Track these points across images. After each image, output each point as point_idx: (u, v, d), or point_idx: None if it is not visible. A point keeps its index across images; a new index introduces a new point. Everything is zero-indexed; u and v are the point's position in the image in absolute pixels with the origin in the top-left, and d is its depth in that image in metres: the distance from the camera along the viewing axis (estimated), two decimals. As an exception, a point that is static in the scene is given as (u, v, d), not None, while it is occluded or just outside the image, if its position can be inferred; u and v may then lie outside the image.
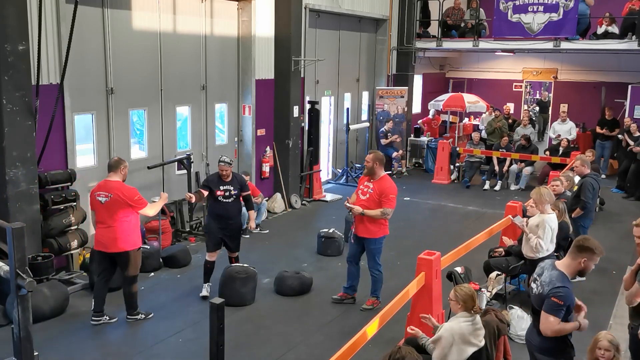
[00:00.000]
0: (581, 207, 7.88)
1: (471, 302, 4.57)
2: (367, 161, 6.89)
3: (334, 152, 14.17)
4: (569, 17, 13.42)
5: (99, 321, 6.46)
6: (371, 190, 6.75)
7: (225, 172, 7.03)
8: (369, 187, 6.80)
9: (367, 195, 6.77)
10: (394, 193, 6.77)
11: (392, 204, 6.73)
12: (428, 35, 15.76)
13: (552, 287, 4.06)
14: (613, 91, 15.64)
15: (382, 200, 6.69)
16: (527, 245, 6.57)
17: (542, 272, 4.27)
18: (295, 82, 11.50)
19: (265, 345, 6.16)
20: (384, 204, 6.69)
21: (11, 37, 6.57)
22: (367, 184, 6.85)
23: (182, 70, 9.76)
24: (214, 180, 7.13)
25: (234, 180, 7.14)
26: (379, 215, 6.69)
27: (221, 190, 7.05)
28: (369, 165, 6.83)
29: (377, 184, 6.75)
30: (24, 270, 3.32)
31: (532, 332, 4.43)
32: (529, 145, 13.39)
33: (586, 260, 4.09)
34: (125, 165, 6.54)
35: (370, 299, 7.05)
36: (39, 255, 6.87)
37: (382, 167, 6.84)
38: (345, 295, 7.18)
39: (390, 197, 6.71)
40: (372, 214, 6.69)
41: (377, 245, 6.92)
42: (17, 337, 3.38)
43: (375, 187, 6.73)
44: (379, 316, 4.90)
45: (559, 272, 4.13)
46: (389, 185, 6.77)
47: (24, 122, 6.81)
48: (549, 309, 4.06)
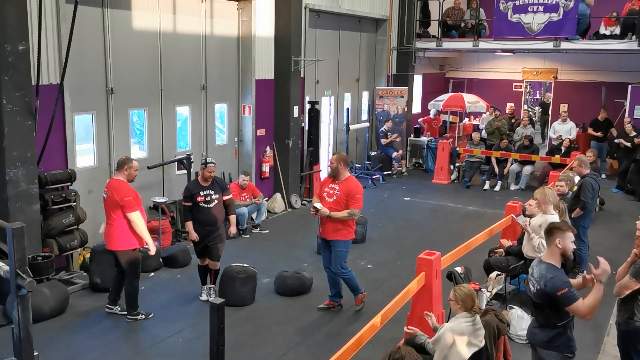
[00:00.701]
0: (581, 207, 7.88)
1: (470, 302, 4.57)
2: (331, 162, 6.76)
3: (334, 152, 14.14)
4: (569, 17, 13.43)
5: (111, 309, 6.73)
6: (337, 191, 6.59)
7: (213, 173, 6.84)
8: (334, 188, 6.63)
9: (334, 197, 6.59)
10: (361, 193, 6.66)
11: (359, 204, 6.60)
12: (428, 35, 15.77)
13: (545, 280, 4.11)
14: (613, 91, 15.64)
15: (350, 201, 6.54)
16: (529, 245, 6.57)
17: (534, 270, 4.34)
18: (295, 82, 11.50)
19: (265, 345, 6.16)
20: (351, 205, 6.55)
21: (11, 37, 6.57)
22: (332, 186, 6.67)
23: (182, 70, 9.76)
24: (194, 186, 6.91)
25: (214, 184, 6.90)
26: (347, 216, 6.54)
27: (201, 195, 6.81)
28: (333, 166, 6.69)
29: (343, 184, 6.60)
30: (24, 270, 3.32)
31: (534, 327, 4.46)
32: (531, 146, 13.39)
33: (560, 240, 4.17)
34: (131, 165, 6.46)
35: (356, 298, 6.95)
36: (39, 255, 6.87)
37: (346, 168, 6.72)
38: (333, 304, 7.00)
39: (357, 197, 6.58)
40: (340, 215, 6.53)
41: (344, 248, 6.75)
42: (17, 337, 3.38)
43: (342, 188, 6.58)
44: (379, 316, 4.90)
45: (546, 265, 4.21)
46: (355, 186, 6.64)
47: (24, 122, 6.81)
48: (567, 301, 4.06)
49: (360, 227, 9.59)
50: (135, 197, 6.41)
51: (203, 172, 6.82)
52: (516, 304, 6.76)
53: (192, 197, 6.81)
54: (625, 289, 4.67)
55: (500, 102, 16.84)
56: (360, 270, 8.40)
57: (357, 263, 8.69)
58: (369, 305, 6.92)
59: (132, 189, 6.45)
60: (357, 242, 9.48)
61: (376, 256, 8.98)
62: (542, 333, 4.31)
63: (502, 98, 17.59)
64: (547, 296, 4.13)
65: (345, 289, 7.02)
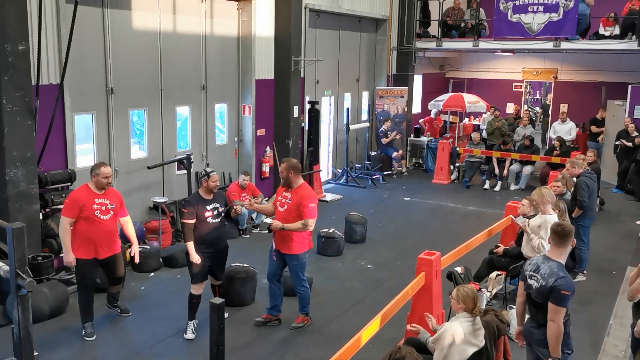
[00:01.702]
0: (579, 207, 7.88)
1: (472, 303, 4.57)
2: (280, 171, 6.31)
3: (334, 152, 14.17)
4: (569, 17, 13.43)
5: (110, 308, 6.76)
6: (289, 200, 6.18)
7: (217, 182, 6.22)
8: (286, 197, 6.22)
9: (285, 206, 6.20)
10: (314, 202, 6.20)
11: (312, 213, 6.13)
12: (428, 35, 15.77)
13: (557, 277, 4.18)
14: (613, 91, 15.64)
15: (302, 210, 6.10)
16: (528, 245, 6.57)
17: (538, 267, 4.36)
18: (295, 82, 11.50)
19: (265, 345, 6.16)
20: (304, 215, 6.10)
21: (11, 37, 6.57)
22: (284, 195, 6.27)
23: (182, 70, 9.77)
24: (197, 200, 6.11)
25: (218, 195, 6.30)
26: (301, 227, 6.09)
27: (209, 209, 6.11)
28: (283, 175, 6.23)
29: (295, 193, 6.18)
30: (24, 270, 3.32)
31: (531, 326, 4.47)
32: (531, 146, 13.39)
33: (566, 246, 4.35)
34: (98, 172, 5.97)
35: (299, 316, 6.55)
36: (39, 255, 6.86)
37: (298, 175, 6.24)
38: (270, 317, 6.57)
39: (310, 206, 6.11)
40: (293, 227, 6.09)
41: (300, 261, 6.34)
42: (17, 337, 3.38)
43: (293, 197, 6.16)
44: (379, 316, 4.90)
45: (557, 263, 4.28)
46: (307, 194, 6.19)
47: (24, 122, 6.81)
48: (559, 301, 4.18)
49: (360, 227, 9.61)
50: (74, 202, 5.89)
51: (207, 184, 6.11)
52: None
53: (197, 213, 6.06)
54: (637, 292, 4.66)
55: (500, 102, 16.84)
56: (360, 270, 8.41)
57: (357, 263, 8.70)
58: (369, 305, 6.92)
59: (79, 194, 5.97)
60: (357, 242, 9.52)
61: (376, 256, 8.98)
62: (540, 331, 4.33)
63: (502, 98, 17.60)
64: (551, 293, 4.18)
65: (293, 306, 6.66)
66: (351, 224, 9.58)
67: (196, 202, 6.10)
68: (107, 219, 6.05)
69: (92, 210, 5.93)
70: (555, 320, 4.19)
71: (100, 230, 6.00)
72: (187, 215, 6.05)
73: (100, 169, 5.97)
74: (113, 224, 6.15)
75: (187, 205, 6.12)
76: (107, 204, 6.04)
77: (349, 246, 9.26)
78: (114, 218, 6.16)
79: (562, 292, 4.14)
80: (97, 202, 5.97)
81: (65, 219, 5.89)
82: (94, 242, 6.01)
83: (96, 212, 5.96)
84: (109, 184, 6.09)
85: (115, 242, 6.25)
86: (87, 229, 5.94)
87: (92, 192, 5.99)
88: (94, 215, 5.95)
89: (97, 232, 6.00)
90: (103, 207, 6.01)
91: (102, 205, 6.00)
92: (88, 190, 6.00)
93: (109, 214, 6.06)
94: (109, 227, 6.08)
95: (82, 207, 5.89)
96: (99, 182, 5.98)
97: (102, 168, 5.98)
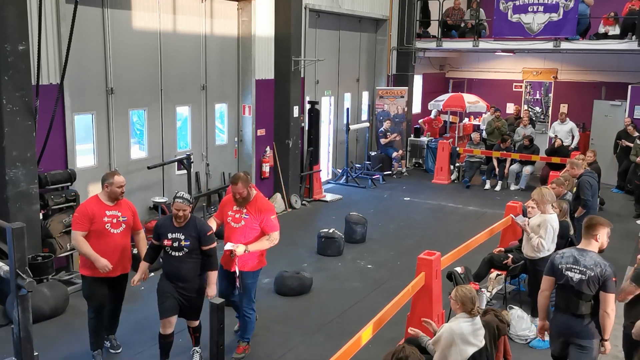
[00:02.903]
0: (582, 206, 7.88)
1: (470, 304, 4.56)
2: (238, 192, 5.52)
3: (334, 152, 14.17)
4: (569, 17, 13.43)
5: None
6: (246, 215, 5.56)
7: (183, 213, 5.18)
8: (241, 212, 5.58)
9: (242, 222, 5.56)
10: (274, 212, 5.69)
11: (276, 225, 5.63)
12: (428, 35, 15.77)
13: (605, 267, 4.45)
14: (613, 91, 15.64)
15: (264, 225, 5.56)
16: (528, 245, 6.57)
17: (576, 259, 4.57)
18: (295, 82, 11.50)
19: (265, 345, 6.16)
20: (267, 229, 5.56)
21: (11, 37, 6.57)
22: (237, 209, 5.61)
23: (182, 70, 9.77)
24: (166, 223, 5.33)
25: (189, 226, 5.25)
26: (266, 244, 5.58)
27: (169, 238, 5.25)
28: (243, 194, 5.53)
29: (252, 206, 5.58)
30: (24, 270, 3.32)
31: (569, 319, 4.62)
32: (531, 146, 13.39)
33: (597, 236, 4.57)
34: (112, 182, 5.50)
35: (240, 346, 5.89)
36: (39, 255, 6.87)
37: (252, 187, 5.66)
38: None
39: (272, 219, 5.60)
40: (259, 246, 5.57)
41: (254, 279, 5.82)
42: (17, 337, 3.38)
43: (251, 211, 5.55)
44: (379, 316, 4.90)
45: (593, 253, 4.56)
46: (266, 206, 5.62)
47: (24, 122, 6.81)
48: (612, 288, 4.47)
49: (360, 227, 9.61)
50: (84, 214, 5.40)
51: (172, 209, 5.25)
52: (516, 304, 6.77)
53: (159, 237, 5.35)
54: (627, 294, 4.73)
55: (500, 102, 16.84)
56: (360, 270, 8.42)
57: (357, 263, 8.71)
58: (369, 305, 6.92)
59: (88, 206, 5.48)
60: (357, 242, 9.53)
61: (376, 256, 8.99)
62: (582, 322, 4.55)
63: (502, 98, 17.60)
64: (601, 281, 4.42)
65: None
66: (351, 224, 9.59)
67: (162, 223, 5.37)
68: (119, 233, 5.51)
69: (102, 223, 5.42)
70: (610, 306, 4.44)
71: (110, 245, 5.45)
72: (152, 234, 5.45)
73: (114, 177, 5.48)
74: (125, 238, 5.59)
75: (155, 225, 5.45)
76: (118, 216, 5.52)
77: (349, 246, 9.26)
78: (127, 232, 5.60)
79: (614, 280, 4.43)
80: (108, 215, 5.47)
81: (76, 232, 5.41)
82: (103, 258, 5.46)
83: (107, 225, 5.44)
84: (122, 195, 5.56)
85: (127, 259, 5.70)
86: (96, 243, 5.41)
87: (102, 204, 5.49)
88: (104, 228, 5.43)
89: (107, 247, 5.44)
90: (114, 219, 5.49)
91: (113, 218, 5.48)
92: (98, 201, 5.50)
93: (120, 227, 5.52)
94: (121, 241, 5.52)
95: (92, 219, 5.39)
96: (113, 192, 5.47)
97: (116, 177, 5.49)
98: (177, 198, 5.20)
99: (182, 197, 5.19)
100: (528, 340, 6.32)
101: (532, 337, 6.33)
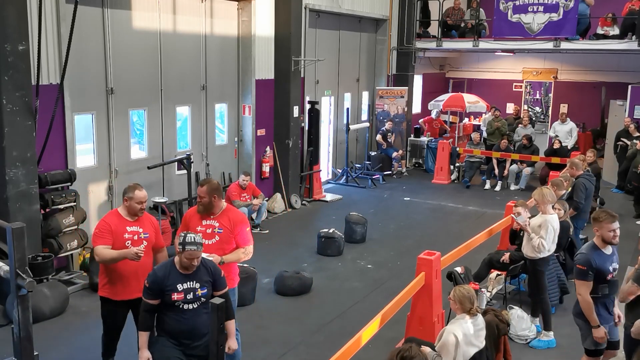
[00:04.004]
0: (574, 208, 7.89)
1: (468, 303, 4.55)
2: (200, 196, 5.04)
3: (334, 152, 14.17)
4: (569, 17, 13.43)
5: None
6: (219, 229, 5.04)
7: (197, 261, 4.33)
8: (212, 226, 5.05)
9: (216, 237, 5.03)
10: (248, 224, 5.29)
11: (250, 238, 5.20)
12: (428, 35, 15.77)
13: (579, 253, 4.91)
14: (613, 91, 15.64)
15: (239, 237, 5.08)
16: (528, 245, 6.56)
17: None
18: (295, 82, 11.50)
19: (265, 345, 6.16)
20: (242, 243, 5.09)
21: (11, 37, 6.57)
22: (208, 223, 5.07)
23: (182, 70, 9.76)
24: (169, 274, 4.34)
25: (200, 270, 4.40)
26: (241, 257, 5.13)
27: (180, 291, 4.32)
28: (205, 201, 5.02)
29: (224, 218, 5.08)
30: (24, 270, 3.32)
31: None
32: (530, 145, 13.39)
33: (597, 230, 4.85)
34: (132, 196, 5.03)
35: None
36: (39, 255, 6.86)
37: (221, 198, 5.16)
38: None
39: (247, 230, 5.18)
40: (233, 258, 5.07)
41: (235, 295, 5.34)
42: (17, 337, 3.38)
43: (224, 224, 5.06)
44: (379, 316, 4.90)
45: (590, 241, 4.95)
46: (240, 218, 5.18)
47: (24, 122, 6.81)
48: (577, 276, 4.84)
49: (360, 227, 9.61)
50: (104, 228, 4.95)
51: (181, 258, 4.32)
52: (516, 304, 6.77)
53: (162, 293, 4.33)
54: (629, 294, 4.71)
55: (500, 102, 16.84)
56: (360, 270, 8.42)
57: (357, 263, 8.70)
58: (369, 305, 6.92)
59: (109, 219, 5.03)
60: (357, 242, 9.53)
61: (376, 256, 8.99)
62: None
63: (502, 98, 17.60)
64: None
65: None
66: (351, 224, 9.58)
67: (163, 275, 4.35)
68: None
69: (122, 240, 4.95)
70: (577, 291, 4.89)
71: (130, 263, 4.90)
72: (146, 293, 4.38)
73: (135, 192, 5.00)
74: (146, 257, 5.02)
75: (148, 278, 4.39)
76: (139, 232, 5.03)
77: (349, 246, 9.26)
78: (148, 250, 5.08)
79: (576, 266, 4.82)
80: (129, 231, 4.99)
81: (98, 247, 4.88)
82: (122, 279, 4.97)
83: (127, 243, 4.96)
84: (143, 210, 5.10)
85: None
86: (114, 264, 4.94)
87: (123, 219, 5.03)
88: (125, 246, 4.93)
89: (126, 266, 4.93)
90: (135, 236, 5.00)
91: (134, 234, 5.00)
92: (118, 216, 5.05)
93: (141, 245, 4.99)
94: (142, 260, 4.93)
95: (112, 234, 4.95)
96: (132, 208, 5.01)
97: (137, 192, 5.00)
98: (187, 245, 4.25)
99: (194, 243, 4.26)
100: (528, 340, 6.32)
101: (532, 337, 6.33)
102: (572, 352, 6.07)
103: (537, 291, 6.44)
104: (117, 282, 4.98)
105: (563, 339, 6.35)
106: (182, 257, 4.30)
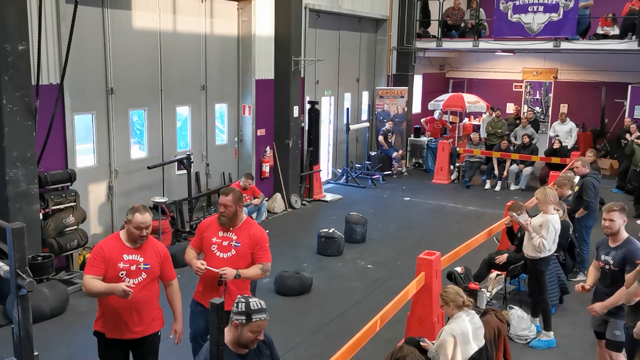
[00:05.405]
0: (584, 207, 7.89)
1: (459, 297, 4.60)
2: (226, 206, 4.66)
3: (334, 152, 14.17)
4: (569, 17, 13.43)
5: None
6: (236, 242, 4.70)
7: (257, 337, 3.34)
8: (230, 239, 4.72)
9: (233, 251, 4.69)
10: (268, 241, 4.87)
11: (269, 255, 4.84)
12: (428, 35, 15.77)
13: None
14: (613, 91, 15.64)
15: (259, 254, 4.74)
16: (529, 245, 6.56)
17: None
18: (295, 82, 11.50)
19: (265, 345, 6.15)
20: (260, 259, 4.74)
21: (11, 37, 6.57)
22: (225, 235, 4.74)
23: (182, 70, 9.76)
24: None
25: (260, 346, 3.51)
26: (259, 274, 4.76)
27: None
28: (231, 210, 4.68)
29: (244, 232, 4.75)
30: (24, 270, 3.31)
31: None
32: (530, 145, 13.38)
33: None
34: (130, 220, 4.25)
35: None
36: (39, 255, 6.87)
37: (242, 209, 4.84)
38: None
39: (267, 246, 4.81)
40: (251, 274, 4.69)
41: None
42: (17, 337, 3.38)
43: (243, 238, 4.72)
44: (379, 316, 4.90)
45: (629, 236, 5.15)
46: (260, 232, 4.83)
47: (24, 122, 6.81)
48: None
49: (360, 227, 9.61)
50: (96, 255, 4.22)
51: (242, 333, 3.30)
52: (516, 304, 6.77)
53: None
54: (635, 296, 4.67)
55: (500, 102, 16.84)
56: (360, 270, 8.42)
57: (357, 263, 8.70)
58: (369, 305, 6.92)
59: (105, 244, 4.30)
60: (357, 242, 9.53)
61: (376, 256, 8.99)
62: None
63: (502, 98, 17.60)
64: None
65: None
66: (351, 224, 9.58)
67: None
68: (137, 285, 4.21)
69: (116, 270, 4.20)
70: None
71: (123, 300, 4.10)
72: None
73: (135, 215, 4.21)
74: (145, 292, 4.28)
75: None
76: (139, 262, 4.26)
77: (349, 246, 9.26)
78: (148, 283, 4.31)
79: None
80: (125, 260, 4.23)
81: (86, 277, 4.18)
82: (115, 316, 4.25)
83: (121, 274, 4.19)
84: (144, 238, 4.28)
85: (149, 317, 4.39)
86: (106, 297, 4.22)
87: (122, 245, 4.28)
88: (119, 277, 4.18)
89: (119, 303, 4.16)
90: (133, 266, 4.23)
91: (131, 264, 4.24)
92: (118, 241, 4.31)
93: (139, 277, 4.25)
94: (139, 296, 4.21)
95: (105, 262, 4.21)
96: (131, 233, 4.25)
97: (137, 215, 4.21)
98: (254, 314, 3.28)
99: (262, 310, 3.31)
100: (528, 340, 6.31)
101: (532, 337, 6.33)
102: (572, 352, 6.08)
103: (538, 291, 6.44)
104: (108, 317, 4.28)
105: (563, 339, 6.35)
106: (244, 330, 3.28)
